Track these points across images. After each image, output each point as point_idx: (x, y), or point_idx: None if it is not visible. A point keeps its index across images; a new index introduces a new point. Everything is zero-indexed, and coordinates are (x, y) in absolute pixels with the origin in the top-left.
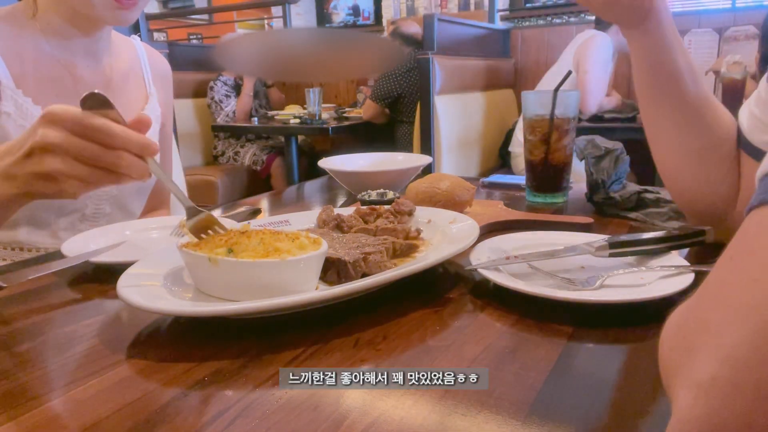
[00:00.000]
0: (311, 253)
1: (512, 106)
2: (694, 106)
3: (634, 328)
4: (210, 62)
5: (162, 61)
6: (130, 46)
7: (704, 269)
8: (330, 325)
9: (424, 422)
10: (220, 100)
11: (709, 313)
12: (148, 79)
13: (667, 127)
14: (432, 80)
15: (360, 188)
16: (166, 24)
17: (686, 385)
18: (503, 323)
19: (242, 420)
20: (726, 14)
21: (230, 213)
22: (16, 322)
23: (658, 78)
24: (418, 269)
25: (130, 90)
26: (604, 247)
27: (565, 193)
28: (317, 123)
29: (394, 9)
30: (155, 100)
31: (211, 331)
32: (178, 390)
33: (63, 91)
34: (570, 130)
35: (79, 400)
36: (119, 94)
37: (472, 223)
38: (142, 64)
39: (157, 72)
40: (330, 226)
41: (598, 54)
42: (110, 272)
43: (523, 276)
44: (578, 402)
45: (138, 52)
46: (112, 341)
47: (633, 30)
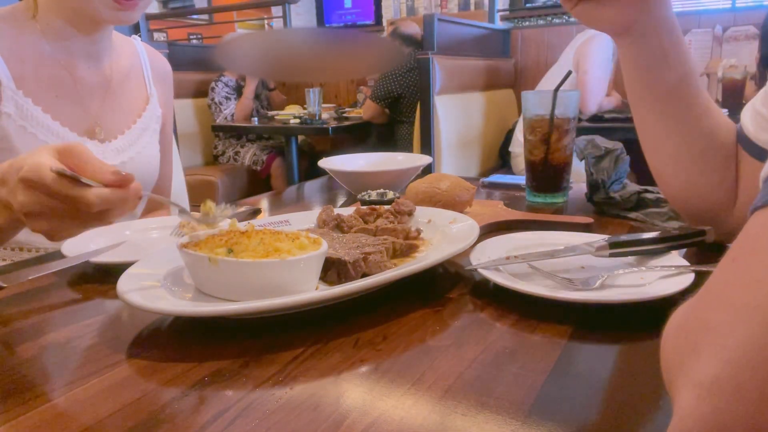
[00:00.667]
0: (311, 253)
1: (512, 106)
2: (690, 114)
3: (633, 328)
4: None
5: (163, 62)
6: (130, 46)
7: (704, 269)
8: (330, 325)
9: (424, 422)
10: (219, 102)
11: (711, 314)
12: (148, 80)
13: (659, 136)
14: (432, 80)
15: (360, 188)
16: (166, 24)
17: (688, 385)
18: (503, 323)
19: (242, 420)
20: (726, 14)
21: (230, 213)
22: (16, 322)
23: (650, 88)
24: (418, 269)
25: (130, 90)
26: (604, 247)
27: (565, 193)
28: (317, 123)
29: (394, 9)
30: (155, 101)
31: (211, 331)
32: (178, 390)
33: (63, 91)
34: (570, 130)
35: (79, 400)
36: (119, 94)
37: (472, 223)
38: (142, 64)
39: (157, 72)
40: (330, 226)
41: (597, 54)
42: (110, 272)
43: (523, 276)
44: (578, 402)
45: (138, 52)
46: (112, 341)
47: (619, 39)
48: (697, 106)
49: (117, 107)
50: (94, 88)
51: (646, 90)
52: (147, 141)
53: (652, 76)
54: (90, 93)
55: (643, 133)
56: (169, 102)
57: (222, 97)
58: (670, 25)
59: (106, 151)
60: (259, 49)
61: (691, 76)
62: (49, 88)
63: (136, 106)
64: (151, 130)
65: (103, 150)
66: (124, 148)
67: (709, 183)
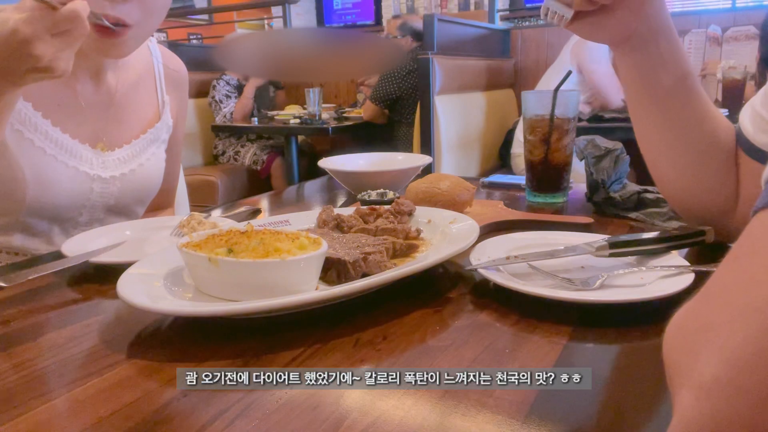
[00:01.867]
0: (311, 253)
1: (512, 106)
2: (689, 117)
3: (634, 328)
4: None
5: (179, 66)
6: (144, 50)
7: (704, 269)
8: (330, 325)
9: (424, 422)
10: (219, 100)
11: (712, 314)
12: (161, 88)
13: (659, 140)
14: (432, 80)
15: (360, 188)
16: (166, 24)
17: (688, 385)
18: (503, 323)
19: (242, 420)
20: (726, 14)
21: (230, 213)
22: (16, 323)
23: (648, 90)
24: (418, 269)
25: (138, 101)
26: (604, 247)
27: (565, 193)
28: (317, 123)
29: (394, 9)
30: (168, 110)
31: (211, 331)
32: (178, 390)
33: (64, 100)
34: (570, 130)
35: (79, 400)
36: (125, 106)
37: (472, 223)
38: (156, 71)
39: (171, 78)
40: (330, 226)
41: (595, 50)
42: (110, 272)
43: (523, 276)
44: (578, 402)
45: (153, 57)
46: (112, 341)
47: (617, 48)
48: (697, 108)
49: (122, 118)
50: (97, 100)
51: (644, 93)
52: (153, 152)
53: (650, 80)
54: (93, 104)
55: (642, 137)
56: (182, 107)
57: (222, 95)
58: (668, 30)
59: (107, 161)
60: (260, 50)
61: (690, 79)
62: (50, 95)
63: (144, 117)
64: (159, 141)
65: (104, 160)
66: (126, 159)
67: (710, 186)
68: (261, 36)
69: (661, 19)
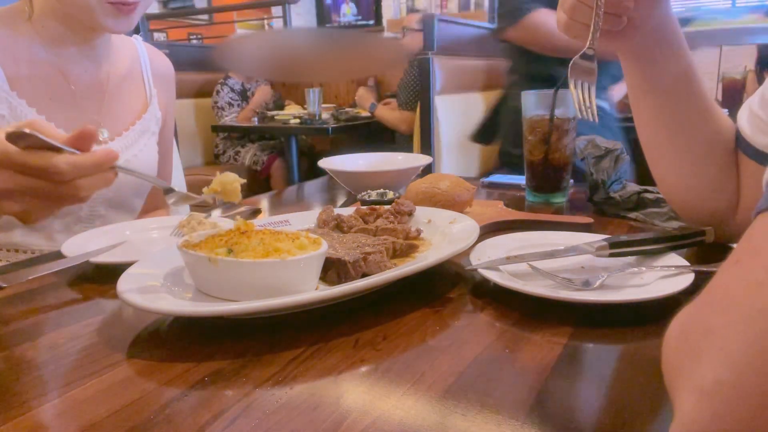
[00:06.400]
0: (311, 253)
1: None
2: (691, 115)
3: (634, 328)
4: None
5: (165, 62)
6: (131, 46)
7: (704, 269)
8: (330, 325)
9: (424, 422)
10: (222, 107)
11: (713, 317)
12: (148, 81)
13: (661, 139)
14: (432, 80)
15: (360, 188)
16: (166, 24)
17: (689, 388)
18: (503, 323)
19: (242, 420)
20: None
21: (230, 213)
22: (16, 322)
23: (651, 95)
24: (418, 269)
25: (128, 92)
26: (604, 247)
27: (565, 193)
28: (317, 123)
29: (394, 9)
30: (155, 103)
31: (211, 331)
32: (178, 390)
33: (58, 94)
34: (570, 130)
35: (79, 400)
36: (116, 97)
37: (472, 223)
38: (142, 65)
39: (158, 73)
40: (330, 226)
41: None
42: (110, 272)
43: (523, 276)
44: (578, 402)
45: (139, 53)
46: (112, 341)
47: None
48: (699, 105)
49: (114, 110)
50: (89, 92)
51: (646, 92)
52: (145, 143)
53: (652, 80)
54: (86, 96)
55: (644, 137)
56: (170, 103)
57: (225, 102)
58: (670, 31)
59: None
60: (260, 50)
61: (691, 75)
62: (44, 90)
63: (134, 108)
64: (150, 132)
65: None
66: (120, 150)
67: (711, 187)
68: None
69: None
